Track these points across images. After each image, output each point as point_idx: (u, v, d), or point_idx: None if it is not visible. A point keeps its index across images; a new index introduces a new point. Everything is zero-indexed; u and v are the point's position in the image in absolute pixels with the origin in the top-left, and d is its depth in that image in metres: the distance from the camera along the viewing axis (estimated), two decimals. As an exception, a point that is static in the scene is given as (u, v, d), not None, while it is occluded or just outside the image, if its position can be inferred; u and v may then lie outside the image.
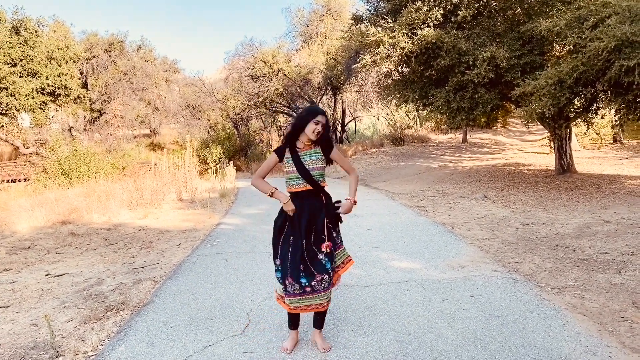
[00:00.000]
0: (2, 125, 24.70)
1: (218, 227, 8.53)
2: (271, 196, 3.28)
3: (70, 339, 3.81)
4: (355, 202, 3.41)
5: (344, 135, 30.57)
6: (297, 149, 3.27)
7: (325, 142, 3.31)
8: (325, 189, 3.37)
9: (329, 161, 3.36)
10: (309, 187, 3.22)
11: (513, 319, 3.66)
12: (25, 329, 4.08)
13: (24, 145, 26.27)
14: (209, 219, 9.50)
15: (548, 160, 15.25)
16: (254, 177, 3.41)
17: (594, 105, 10.68)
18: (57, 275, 5.79)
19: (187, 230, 8.46)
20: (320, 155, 3.28)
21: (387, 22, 10.72)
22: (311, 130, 3.18)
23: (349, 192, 3.45)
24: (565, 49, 10.16)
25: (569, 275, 4.65)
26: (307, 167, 3.21)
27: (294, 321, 3.38)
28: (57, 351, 3.57)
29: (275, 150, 3.34)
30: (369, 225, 7.68)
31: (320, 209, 3.28)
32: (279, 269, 3.25)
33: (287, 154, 3.27)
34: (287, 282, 3.18)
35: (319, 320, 3.37)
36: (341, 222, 3.46)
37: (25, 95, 24.31)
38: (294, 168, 3.21)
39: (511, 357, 3.06)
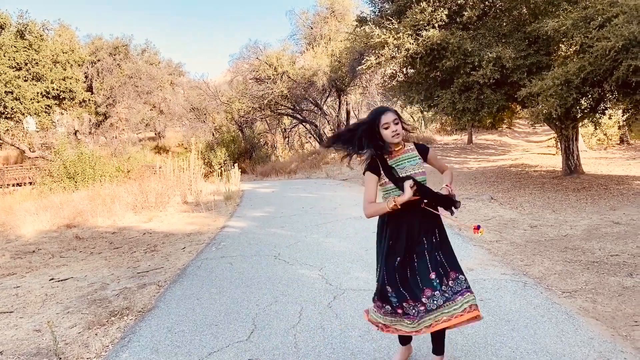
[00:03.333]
0: (8, 129, 24.80)
1: (223, 230, 8.48)
2: (394, 208, 2.69)
3: (73, 345, 3.77)
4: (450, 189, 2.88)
5: (348, 137, 30.43)
6: (388, 157, 2.81)
7: (419, 144, 2.94)
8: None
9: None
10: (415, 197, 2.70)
11: (524, 323, 3.58)
12: (29, 334, 4.03)
13: (29, 149, 26.38)
14: (214, 222, 9.46)
15: (554, 161, 15.14)
16: (365, 206, 2.84)
17: (602, 105, 10.58)
18: (61, 280, 5.76)
19: (192, 234, 8.41)
20: (419, 158, 2.85)
21: (392, 23, 10.65)
22: (389, 135, 2.73)
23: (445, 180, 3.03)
24: (571, 49, 10.07)
25: (580, 278, 4.57)
26: (408, 173, 2.76)
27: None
28: (60, 358, 3.53)
29: (368, 169, 2.80)
30: (375, 228, 7.60)
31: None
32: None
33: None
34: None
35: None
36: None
37: (31, 99, 24.39)
38: (386, 179, 2.77)
39: (523, 364, 2.99)
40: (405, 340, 3.06)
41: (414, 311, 2.73)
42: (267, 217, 9.78)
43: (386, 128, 2.72)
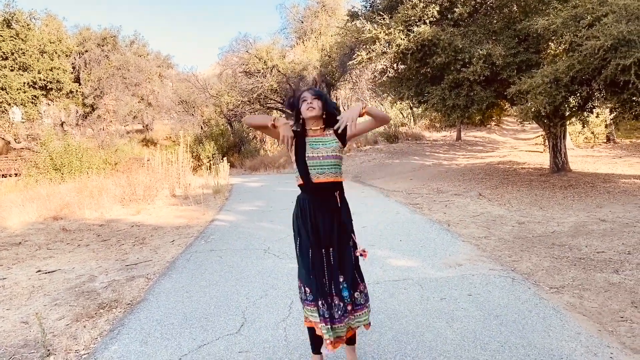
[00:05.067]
0: (-7, 120, 24.46)
1: (212, 224, 8.45)
2: (274, 126, 2.73)
3: (61, 337, 3.74)
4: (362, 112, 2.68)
5: (338, 132, 30.45)
6: (307, 136, 2.82)
7: (333, 120, 2.80)
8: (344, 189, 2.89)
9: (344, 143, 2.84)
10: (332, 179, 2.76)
11: (512, 318, 3.62)
12: (16, 326, 4.00)
13: (15, 139, 26.01)
14: (203, 216, 9.42)
15: (542, 159, 15.27)
16: (248, 118, 2.95)
17: (590, 103, 10.68)
18: (49, 272, 5.70)
19: (181, 227, 8.38)
20: (336, 142, 2.80)
21: (383, 18, 10.66)
22: (304, 109, 2.76)
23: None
24: (561, 47, 10.14)
25: (567, 275, 4.62)
26: (319, 154, 2.74)
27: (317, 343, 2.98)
28: (48, 350, 3.50)
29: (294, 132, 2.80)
30: (364, 223, 7.63)
31: (332, 212, 2.79)
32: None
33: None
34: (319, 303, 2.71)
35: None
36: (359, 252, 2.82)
37: (17, 89, 24.05)
38: (315, 153, 2.75)
39: (511, 358, 3.02)
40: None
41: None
42: (257, 211, 9.76)
43: (303, 101, 2.77)
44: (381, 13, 10.98)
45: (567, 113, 10.97)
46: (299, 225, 2.81)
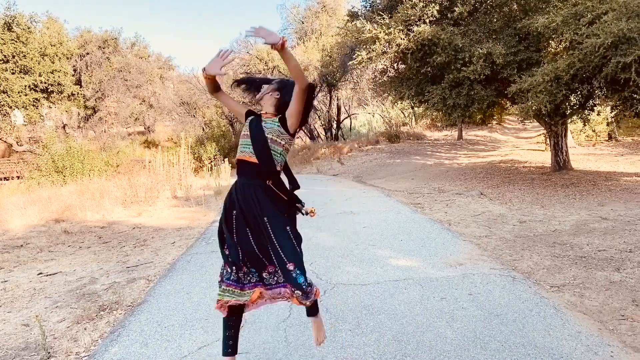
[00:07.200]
0: (-5, 123, 24.52)
1: (213, 225, 8.44)
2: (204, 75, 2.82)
3: (62, 340, 3.75)
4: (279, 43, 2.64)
5: (339, 133, 30.51)
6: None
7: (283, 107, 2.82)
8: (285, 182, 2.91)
9: (291, 129, 2.78)
10: (255, 160, 2.73)
11: (512, 317, 3.61)
12: (17, 329, 4.00)
13: (17, 142, 26.08)
14: (204, 217, 9.43)
15: (544, 157, 15.23)
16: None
17: (590, 101, 10.66)
18: (50, 274, 5.71)
19: (182, 228, 8.38)
20: (279, 126, 2.74)
21: (383, 18, 10.65)
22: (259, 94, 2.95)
23: None
24: (561, 46, 10.12)
25: (568, 273, 4.61)
26: (267, 135, 2.74)
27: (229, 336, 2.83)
28: (49, 352, 3.50)
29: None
30: (365, 223, 7.62)
31: (261, 202, 2.75)
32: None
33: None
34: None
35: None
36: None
37: (18, 92, 24.08)
38: (247, 132, 2.79)
39: (511, 357, 3.01)
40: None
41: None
42: (258, 211, 9.74)
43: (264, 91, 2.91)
44: (381, 13, 10.97)
45: (568, 111, 10.94)
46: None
